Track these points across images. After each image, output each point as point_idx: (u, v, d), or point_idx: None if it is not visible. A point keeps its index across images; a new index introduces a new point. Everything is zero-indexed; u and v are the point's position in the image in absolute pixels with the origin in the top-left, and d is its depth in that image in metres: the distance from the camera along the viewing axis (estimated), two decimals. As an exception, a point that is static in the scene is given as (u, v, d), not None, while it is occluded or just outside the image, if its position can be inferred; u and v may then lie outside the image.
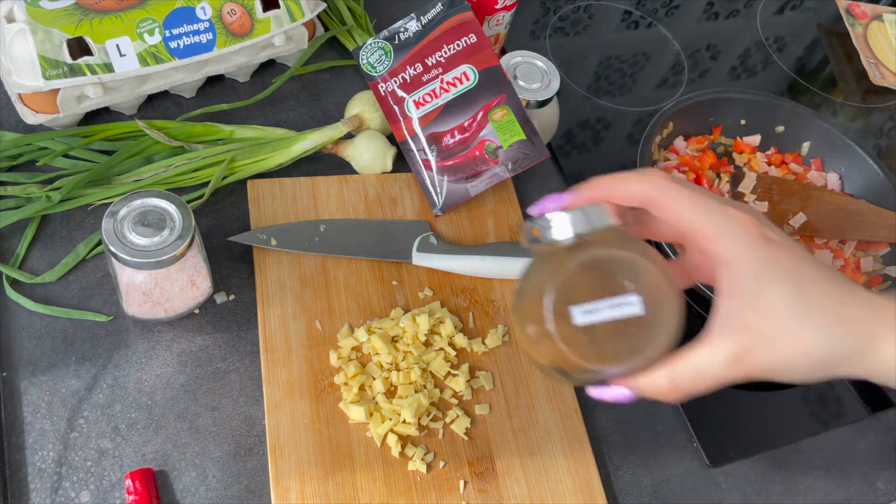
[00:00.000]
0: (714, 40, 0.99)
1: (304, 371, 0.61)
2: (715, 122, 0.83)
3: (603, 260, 0.41)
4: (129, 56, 0.67)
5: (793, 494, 0.65)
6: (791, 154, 0.83)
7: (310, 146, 0.71)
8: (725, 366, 0.41)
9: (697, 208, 0.41)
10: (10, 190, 0.64)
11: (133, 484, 0.54)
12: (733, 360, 0.41)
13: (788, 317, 0.40)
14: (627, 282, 0.41)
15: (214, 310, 0.64)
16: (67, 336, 0.61)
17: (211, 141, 0.71)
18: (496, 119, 0.70)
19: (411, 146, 0.71)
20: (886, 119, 0.97)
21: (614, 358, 0.42)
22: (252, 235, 0.66)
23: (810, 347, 0.40)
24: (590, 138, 0.85)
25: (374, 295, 0.66)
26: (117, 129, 0.69)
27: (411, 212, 0.71)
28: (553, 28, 0.94)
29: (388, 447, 0.59)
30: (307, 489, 0.56)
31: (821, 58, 1.02)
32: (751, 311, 0.40)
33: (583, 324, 0.41)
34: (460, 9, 0.71)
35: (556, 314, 0.41)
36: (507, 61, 0.73)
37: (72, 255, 0.64)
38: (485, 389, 0.63)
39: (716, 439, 0.66)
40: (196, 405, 0.60)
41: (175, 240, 0.55)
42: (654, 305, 0.41)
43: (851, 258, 0.77)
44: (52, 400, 0.58)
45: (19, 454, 0.55)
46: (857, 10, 1.04)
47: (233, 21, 0.71)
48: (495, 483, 0.59)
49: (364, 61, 0.71)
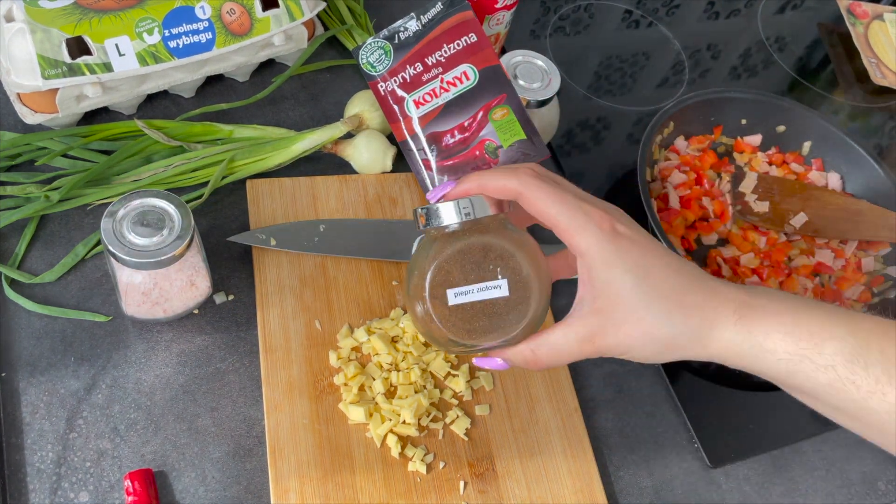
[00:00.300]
0: (715, 40, 0.99)
1: (304, 371, 0.61)
2: (716, 122, 0.82)
3: (477, 246, 0.46)
4: (129, 56, 0.67)
5: (793, 495, 0.65)
6: (792, 154, 0.83)
7: (309, 146, 0.71)
8: (577, 344, 0.46)
9: (557, 204, 0.45)
10: (8, 190, 0.64)
11: (132, 484, 0.54)
12: (584, 340, 0.46)
13: (633, 302, 0.44)
14: (497, 267, 0.46)
15: (214, 310, 0.64)
16: (66, 336, 0.61)
17: (210, 141, 0.71)
18: (496, 119, 0.70)
19: (411, 146, 0.71)
20: (887, 119, 0.97)
21: (482, 335, 0.47)
22: (251, 235, 0.66)
23: (653, 329, 0.44)
24: (590, 138, 0.85)
25: (374, 295, 0.66)
26: (116, 129, 0.69)
27: (411, 212, 0.71)
28: (553, 27, 0.94)
29: (388, 448, 0.59)
30: (307, 490, 0.56)
31: (822, 57, 1.02)
32: (600, 298, 0.45)
33: (454, 304, 0.46)
34: (460, 8, 0.71)
35: (431, 294, 0.46)
36: (507, 61, 0.73)
37: (71, 255, 0.64)
38: (485, 390, 0.63)
39: (716, 440, 0.66)
40: (195, 406, 0.59)
41: (174, 240, 0.54)
42: (519, 289, 0.46)
43: (852, 258, 0.77)
44: (51, 400, 0.58)
45: (18, 454, 0.55)
46: (858, 9, 1.04)
47: (232, 20, 0.71)
48: (495, 484, 0.59)
49: (364, 61, 0.71)
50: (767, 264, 0.74)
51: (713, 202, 0.77)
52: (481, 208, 0.47)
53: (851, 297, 0.74)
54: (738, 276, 0.73)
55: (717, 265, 0.74)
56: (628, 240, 0.45)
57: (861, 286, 0.75)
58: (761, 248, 0.76)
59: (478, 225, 0.47)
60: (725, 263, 0.74)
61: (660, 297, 0.44)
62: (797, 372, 0.44)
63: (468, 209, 0.46)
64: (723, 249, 0.75)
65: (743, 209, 0.78)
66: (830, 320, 0.44)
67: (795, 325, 0.44)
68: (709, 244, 0.76)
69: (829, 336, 0.43)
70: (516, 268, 0.46)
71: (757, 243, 0.76)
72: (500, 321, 0.47)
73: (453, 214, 0.46)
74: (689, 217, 0.76)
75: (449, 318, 0.46)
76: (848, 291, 0.75)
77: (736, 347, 0.45)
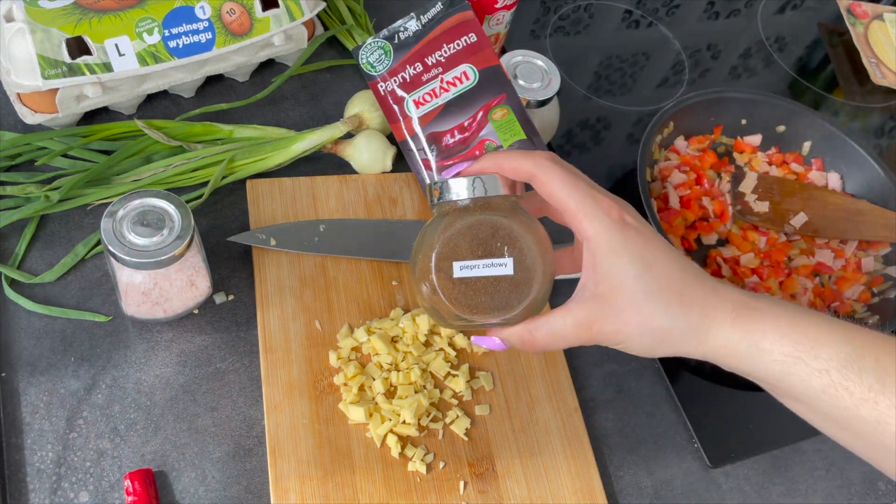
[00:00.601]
0: (715, 40, 0.99)
1: (304, 371, 0.61)
2: (716, 122, 0.82)
3: (486, 223, 0.47)
4: (128, 55, 0.67)
5: (793, 495, 0.65)
6: (792, 154, 0.83)
7: (309, 146, 0.71)
8: (574, 329, 0.46)
9: (568, 188, 0.46)
10: (8, 190, 0.64)
11: (132, 484, 0.54)
12: (582, 325, 0.46)
13: (634, 291, 0.45)
14: (505, 245, 0.46)
15: (213, 310, 0.64)
16: (66, 336, 0.61)
17: (210, 141, 0.71)
18: (496, 119, 0.70)
19: (411, 146, 0.71)
20: (887, 119, 0.97)
21: (483, 311, 0.47)
22: (251, 235, 0.66)
23: (651, 320, 0.45)
24: (590, 138, 0.85)
25: (374, 295, 0.66)
26: (116, 129, 0.69)
27: (411, 212, 0.71)
28: (553, 27, 0.94)
29: (388, 448, 0.59)
30: (307, 490, 0.56)
31: (822, 57, 1.02)
32: (603, 284, 0.45)
33: (458, 277, 0.46)
34: (460, 8, 0.71)
35: (437, 266, 0.46)
36: (507, 61, 0.73)
37: (71, 255, 0.64)
38: (485, 390, 0.63)
39: (716, 440, 0.66)
40: (195, 406, 0.59)
41: (174, 240, 0.54)
42: (524, 270, 0.46)
43: (852, 258, 0.77)
44: (51, 400, 0.58)
45: (18, 454, 0.55)
46: (857, 9, 1.04)
47: (232, 20, 0.71)
48: (495, 484, 0.59)
49: (364, 61, 0.71)
50: (767, 264, 0.74)
51: (713, 202, 0.77)
52: (494, 187, 0.47)
53: (851, 297, 0.74)
54: (738, 276, 0.73)
55: (717, 265, 0.74)
56: (635, 230, 0.45)
57: (861, 286, 0.75)
58: (761, 248, 0.76)
59: (489, 203, 0.47)
60: (725, 263, 0.74)
61: (661, 289, 0.45)
62: (791, 374, 0.44)
63: (481, 186, 0.47)
64: (723, 249, 0.75)
65: (743, 209, 0.78)
66: (828, 327, 0.44)
67: (793, 328, 0.44)
68: (709, 244, 0.76)
69: (825, 342, 0.44)
70: (523, 249, 0.46)
71: (757, 243, 0.76)
72: (502, 299, 0.47)
73: (465, 190, 0.47)
74: (689, 217, 0.76)
75: (452, 290, 0.47)
76: (848, 291, 0.75)
77: (732, 346, 0.45)
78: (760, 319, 0.45)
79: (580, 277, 0.47)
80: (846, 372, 0.43)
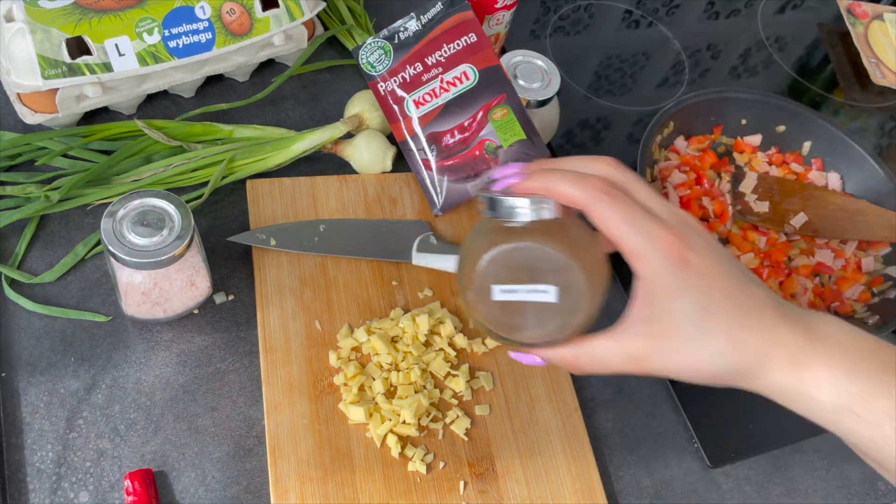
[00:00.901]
0: (715, 40, 0.99)
1: (304, 371, 0.61)
2: (716, 122, 0.82)
3: (534, 249, 0.44)
4: (128, 55, 0.67)
5: (793, 495, 0.65)
6: (792, 154, 0.83)
7: (309, 146, 0.71)
8: (623, 361, 0.46)
9: (624, 224, 0.43)
10: (8, 190, 0.64)
11: (132, 484, 0.54)
12: (631, 359, 0.45)
13: (688, 335, 0.44)
14: (550, 274, 0.44)
15: (214, 310, 0.64)
16: (66, 336, 0.61)
17: (210, 141, 0.71)
18: (496, 119, 0.70)
19: (411, 146, 0.71)
20: (887, 119, 0.97)
21: (523, 332, 0.47)
22: (251, 235, 0.66)
23: (702, 364, 0.45)
24: (590, 138, 0.85)
25: (374, 295, 0.66)
26: (116, 129, 0.69)
27: (411, 212, 0.71)
28: (553, 27, 0.94)
29: (388, 448, 0.59)
30: (307, 490, 0.56)
31: (822, 57, 1.02)
32: (656, 324, 0.44)
33: (498, 301, 0.45)
34: (460, 8, 0.71)
35: (479, 286, 0.45)
36: (507, 61, 0.73)
37: (71, 255, 0.64)
38: (485, 390, 0.63)
39: (716, 439, 0.66)
40: (195, 406, 0.59)
41: (174, 240, 0.54)
42: (569, 300, 0.45)
43: (852, 258, 0.77)
44: (51, 400, 0.58)
45: (18, 454, 0.55)
46: (858, 9, 1.04)
47: (232, 20, 0.71)
48: (495, 484, 0.59)
49: (364, 61, 0.71)
50: (767, 264, 0.74)
51: (713, 202, 0.77)
52: (547, 210, 0.44)
53: (851, 297, 0.74)
54: (738, 276, 0.73)
55: (717, 265, 0.74)
56: (696, 272, 0.43)
57: (861, 286, 0.75)
58: (761, 248, 0.76)
59: (540, 226, 0.44)
60: (725, 263, 0.74)
61: (716, 335, 0.44)
62: (841, 423, 0.44)
63: (532, 209, 0.44)
64: (723, 249, 0.75)
65: (743, 209, 0.78)
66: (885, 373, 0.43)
67: (848, 377, 0.43)
68: (709, 244, 0.76)
69: (879, 393, 0.43)
70: (570, 279, 0.44)
71: (757, 243, 0.76)
72: (544, 325, 0.46)
73: (516, 212, 0.44)
74: (689, 217, 0.76)
75: (491, 311, 0.46)
76: (848, 291, 0.75)
77: (784, 391, 0.44)
78: (816, 367, 0.43)
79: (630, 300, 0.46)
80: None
